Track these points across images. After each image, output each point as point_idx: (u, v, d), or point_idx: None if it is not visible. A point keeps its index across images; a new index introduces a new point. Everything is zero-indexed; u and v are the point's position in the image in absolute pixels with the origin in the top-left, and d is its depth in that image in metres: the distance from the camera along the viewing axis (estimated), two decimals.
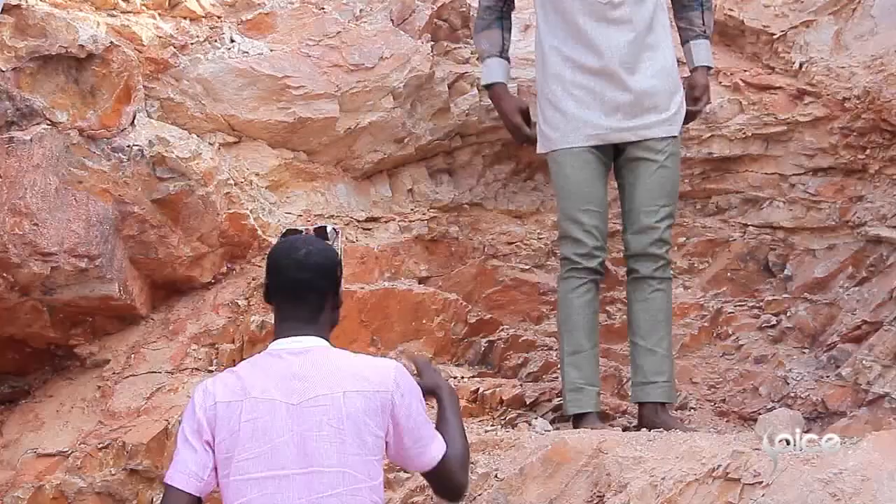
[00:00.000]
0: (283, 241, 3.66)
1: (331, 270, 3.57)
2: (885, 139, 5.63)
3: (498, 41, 5.30)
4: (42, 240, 4.66)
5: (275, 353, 3.51)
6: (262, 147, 5.34)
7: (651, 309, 5.06)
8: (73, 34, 4.75)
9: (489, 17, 5.33)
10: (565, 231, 5.09)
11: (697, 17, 5.28)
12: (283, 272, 3.55)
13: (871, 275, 5.64)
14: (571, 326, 5.03)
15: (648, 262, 5.08)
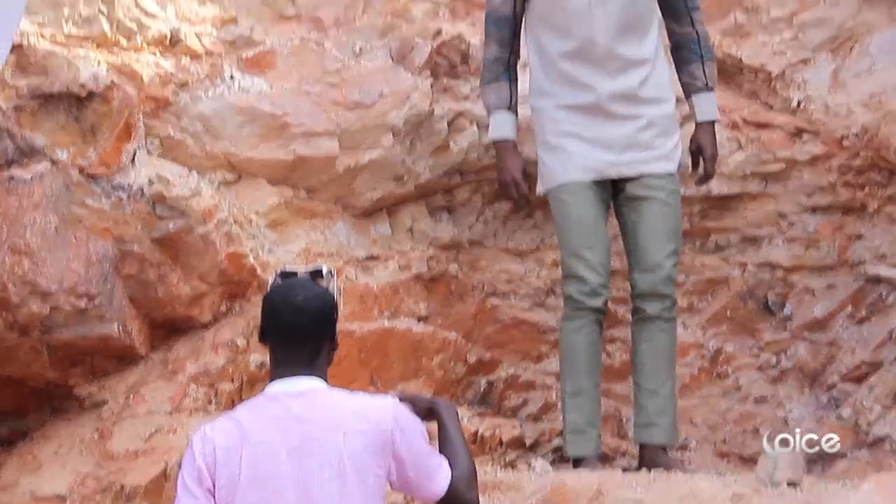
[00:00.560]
0: (280, 285, 3.63)
1: (328, 316, 3.55)
2: (884, 177, 5.63)
3: (506, 95, 5.22)
4: (42, 279, 4.66)
5: (272, 395, 3.49)
6: (261, 185, 5.34)
7: (655, 349, 5.04)
8: (74, 72, 4.77)
9: (496, 69, 5.23)
10: (569, 269, 5.06)
11: (698, 69, 5.22)
12: (279, 317, 3.54)
13: (870, 314, 5.64)
14: (573, 367, 5.02)
15: (656, 301, 5.06)
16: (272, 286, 3.67)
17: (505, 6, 5.15)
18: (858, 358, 5.59)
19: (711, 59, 5.26)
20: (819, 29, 5.83)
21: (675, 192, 5.18)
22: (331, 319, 3.56)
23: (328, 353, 3.56)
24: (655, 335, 5.04)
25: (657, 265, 5.05)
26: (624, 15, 5.08)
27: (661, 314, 5.05)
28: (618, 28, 5.07)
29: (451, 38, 5.73)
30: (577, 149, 5.09)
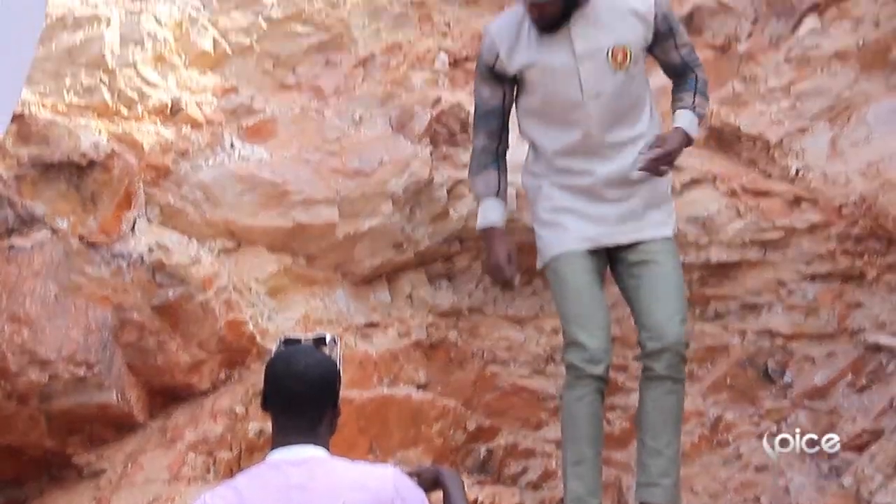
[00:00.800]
0: (283, 352, 3.64)
1: (330, 384, 3.55)
2: (883, 246, 5.64)
3: (494, 183, 5.19)
4: (41, 347, 4.66)
5: (273, 464, 3.48)
6: (261, 252, 5.35)
7: (663, 409, 5.00)
8: (75, 141, 4.80)
9: (484, 159, 5.21)
10: (569, 336, 5.04)
11: (689, 95, 5.19)
12: (281, 384, 3.54)
13: (871, 382, 5.62)
14: (575, 435, 4.98)
15: (664, 358, 5.00)
16: (275, 353, 3.67)
17: (494, 99, 5.15)
18: (859, 426, 5.56)
19: (703, 93, 5.22)
20: (817, 98, 5.86)
21: (673, 253, 5.17)
22: (333, 387, 3.55)
23: (330, 421, 3.55)
24: (662, 395, 5.00)
25: (662, 324, 5.02)
26: (618, 103, 5.07)
27: (670, 373, 4.99)
28: (613, 118, 5.08)
29: (450, 106, 5.77)
30: (572, 223, 5.09)
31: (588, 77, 5.00)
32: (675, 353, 5.02)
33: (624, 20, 5.03)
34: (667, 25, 5.11)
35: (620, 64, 5.03)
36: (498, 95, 5.14)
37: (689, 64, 5.21)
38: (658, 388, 5.01)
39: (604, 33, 5.00)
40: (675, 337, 5.02)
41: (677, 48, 5.16)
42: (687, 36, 5.25)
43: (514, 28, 5.04)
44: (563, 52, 5.00)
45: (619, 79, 5.04)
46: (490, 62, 5.09)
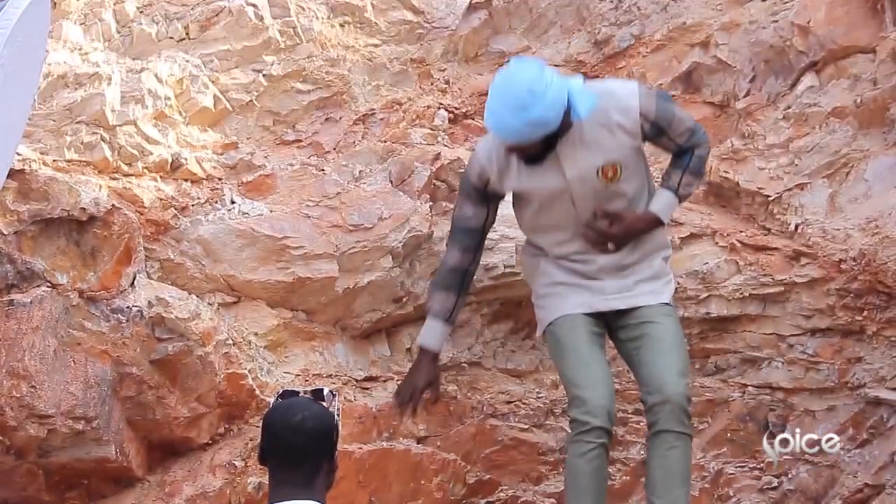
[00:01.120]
0: (280, 405, 3.64)
1: (327, 436, 3.55)
2: (882, 301, 5.63)
3: (450, 306, 5.11)
4: (39, 402, 4.65)
5: None
6: (260, 307, 5.36)
7: (666, 466, 4.93)
8: (75, 197, 4.81)
9: (451, 279, 5.11)
10: (571, 393, 4.98)
11: (678, 175, 5.11)
12: (278, 437, 3.54)
13: (871, 437, 5.60)
14: (579, 493, 4.90)
15: (666, 411, 4.93)
16: (272, 406, 3.67)
17: (475, 220, 5.10)
18: (860, 481, 5.54)
19: (695, 172, 5.13)
20: (815, 155, 5.87)
21: (672, 315, 5.12)
22: (329, 439, 3.55)
23: (327, 475, 3.55)
24: (666, 451, 4.92)
25: (662, 377, 4.92)
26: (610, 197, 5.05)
27: (671, 427, 4.93)
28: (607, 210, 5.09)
29: (449, 161, 5.80)
30: (569, 292, 5.07)
31: (580, 198, 4.97)
32: (677, 405, 4.92)
33: (611, 136, 4.94)
34: (656, 129, 5.02)
35: (611, 179, 4.98)
36: (480, 217, 5.10)
37: (688, 146, 5.12)
38: (661, 444, 4.93)
39: (592, 153, 4.93)
40: (675, 388, 4.93)
41: (673, 139, 5.09)
42: (684, 122, 5.09)
43: (503, 152, 4.93)
44: (554, 176, 4.95)
45: (612, 192, 5.01)
46: (479, 185, 5.03)
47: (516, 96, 4.68)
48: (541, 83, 4.69)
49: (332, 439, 3.57)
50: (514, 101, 4.68)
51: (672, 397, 4.95)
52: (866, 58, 5.91)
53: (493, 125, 4.76)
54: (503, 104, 4.69)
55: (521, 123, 4.69)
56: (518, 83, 4.71)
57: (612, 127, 4.91)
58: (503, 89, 4.72)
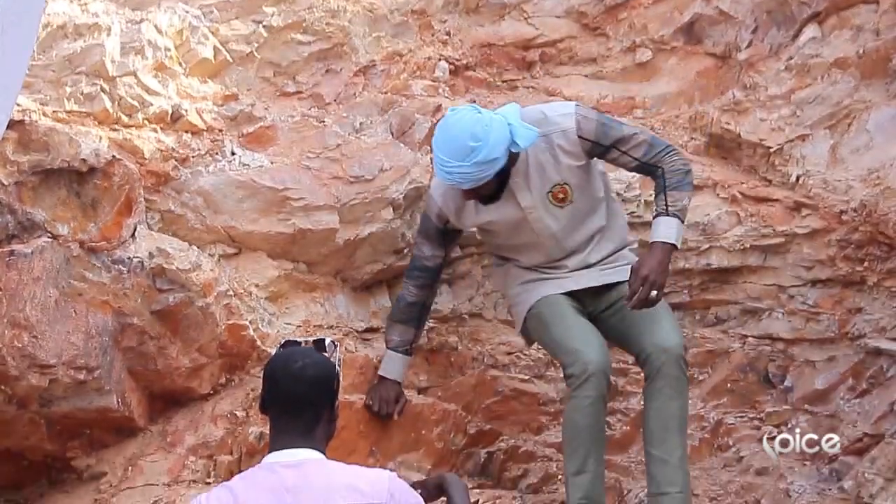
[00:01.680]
0: (281, 353, 3.66)
1: (327, 384, 3.56)
2: (883, 252, 5.63)
3: (409, 338, 5.28)
4: (41, 352, 4.66)
5: (268, 466, 3.50)
6: (261, 258, 5.37)
7: (664, 416, 4.95)
8: (76, 148, 4.79)
9: (409, 312, 5.28)
10: (563, 354, 4.99)
11: (661, 198, 5.05)
12: (278, 384, 3.55)
13: (871, 387, 5.62)
14: (576, 446, 4.92)
15: (666, 360, 4.96)
16: (273, 355, 3.69)
17: (432, 261, 5.26)
18: (860, 430, 5.55)
19: (677, 186, 5.05)
20: (817, 106, 5.87)
21: None
22: (330, 387, 3.56)
23: (327, 424, 3.56)
24: (663, 403, 4.96)
25: (659, 335, 4.99)
26: (572, 225, 5.15)
27: (671, 372, 4.96)
28: (570, 235, 5.17)
29: None
30: (542, 283, 5.18)
31: (538, 223, 5.11)
32: (675, 353, 4.99)
33: (555, 160, 5.06)
34: (601, 147, 5.08)
35: (562, 200, 5.12)
36: (437, 258, 5.26)
37: (650, 162, 5.09)
38: (658, 396, 4.97)
39: (540, 179, 5.07)
40: (672, 340, 5.00)
41: (627, 153, 5.10)
42: (636, 136, 5.10)
43: (457, 192, 5.05)
44: (510, 207, 5.10)
45: (568, 211, 5.13)
46: (439, 224, 5.20)
47: (460, 144, 4.84)
48: (480, 125, 4.87)
49: (333, 388, 3.58)
50: (459, 149, 4.84)
51: (670, 348, 5.00)
52: (869, 8, 5.90)
53: (445, 175, 4.89)
54: (449, 153, 4.85)
55: (471, 168, 4.84)
56: (459, 130, 4.87)
57: (554, 151, 5.05)
58: (447, 139, 4.88)
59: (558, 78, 6.28)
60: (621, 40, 6.34)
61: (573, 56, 6.33)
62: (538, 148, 5.01)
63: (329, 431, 3.59)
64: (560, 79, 6.27)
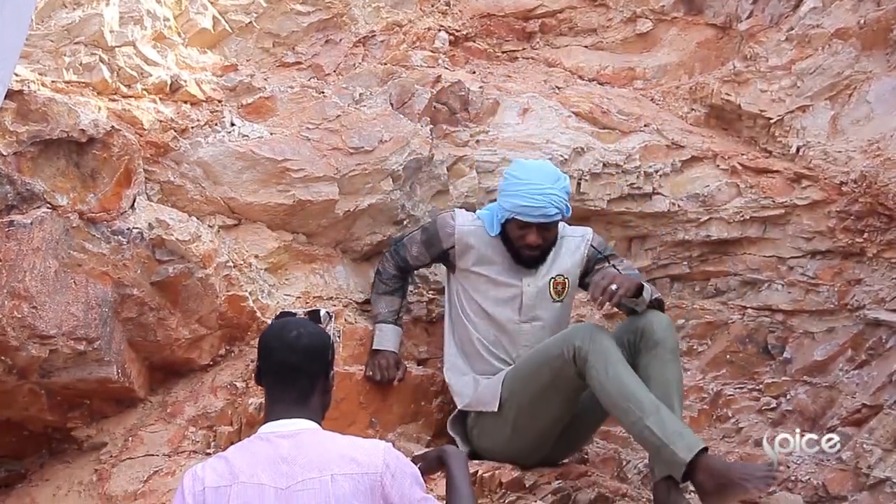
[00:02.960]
0: (275, 324, 3.68)
1: (321, 354, 3.56)
2: (883, 223, 5.63)
3: (396, 308, 5.35)
4: (41, 323, 4.65)
5: (264, 436, 3.51)
6: (261, 229, 5.36)
7: (663, 381, 4.90)
8: (75, 119, 4.78)
9: (393, 284, 5.37)
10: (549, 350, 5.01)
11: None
12: (273, 354, 3.56)
13: (870, 358, 5.63)
14: (630, 395, 4.81)
15: (659, 324, 5.02)
16: (268, 325, 3.69)
17: (416, 262, 5.38)
18: (858, 401, 5.58)
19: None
20: (817, 77, 5.86)
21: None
22: (324, 358, 3.57)
23: (322, 394, 3.57)
24: (662, 366, 4.96)
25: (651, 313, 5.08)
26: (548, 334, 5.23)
27: (665, 337, 4.99)
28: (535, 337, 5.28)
29: (450, 84, 5.78)
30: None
31: (529, 301, 5.24)
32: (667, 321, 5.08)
33: (565, 253, 5.31)
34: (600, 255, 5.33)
35: (559, 293, 5.29)
36: (420, 262, 5.38)
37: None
38: (656, 360, 4.96)
39: (547, 267, 5.27)
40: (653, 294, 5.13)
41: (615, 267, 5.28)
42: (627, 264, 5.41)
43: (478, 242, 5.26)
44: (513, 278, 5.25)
45: (556, 308, 5.28)
46: (445, 247, 5.29)
47: (550, 170, 5.22)
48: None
49: (327, 358, 3.59)
50: (550, 173, 5.17)
51: (663, 318, 5.06)
52: None
53: (538, 198, 5.10)
54: (541, 178, 5.14)
55: (560, 193, 5.13)
56: (542, 164, 5.30)
57: (568, 246, 5.30)
58: (534, 168, 5.21)
59: (558, 49, 6.27)
60: (621, 11, 6.33)
61: (573, 27, 6.32)
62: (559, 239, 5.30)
63: (324, 402, 3.60)
64: (560, 49, 6.27)
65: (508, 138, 5.79)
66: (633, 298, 5.03)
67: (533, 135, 5.80)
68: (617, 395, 4.79)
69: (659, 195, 5.84)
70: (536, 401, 5.01)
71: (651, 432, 4.71)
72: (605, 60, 6.27)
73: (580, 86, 6.14)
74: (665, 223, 5.86)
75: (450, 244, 5.28)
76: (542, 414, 5.03)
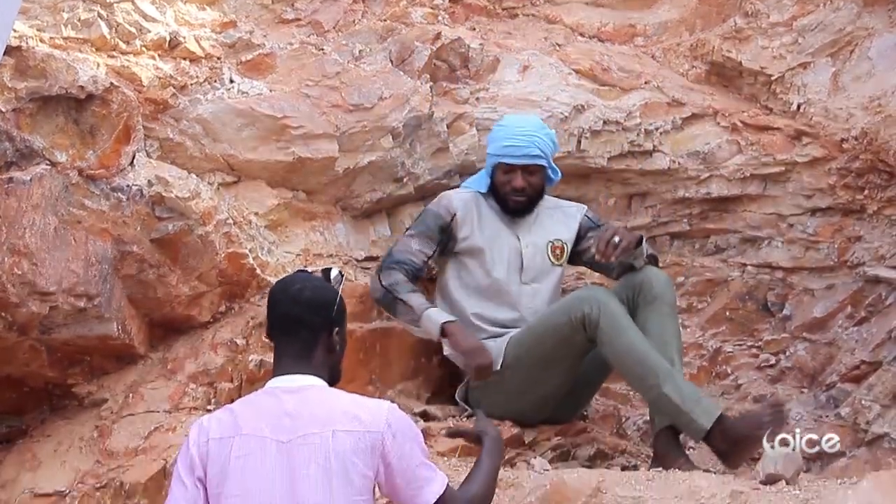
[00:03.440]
0: (283, 278, 3.71)
1: (323, 308, 3.56)
2: (883, 180, 5.63)
3: (425, 298, 5.20)
4: (41, 279, 4.66)
5: (270, 390, 3.52)
6: (261, 186, 5.36)
7: (663, 334, 4.94)
8: (73, 75, 4.76)
9: (408, 286, 5.18)
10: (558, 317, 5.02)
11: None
12: (277, 307, 3.58)
13: (869, 315, 5.64)
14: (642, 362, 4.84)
15: (657, 286, 5.05)
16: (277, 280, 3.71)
17: (419, 256, 5.28)
18: (857, 358, 5.59)
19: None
20: (819, 33, 5.85)
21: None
22: (327, 312, 3.56)
23: (327, 351, 3.56)
24: (662, 319, 4.98)
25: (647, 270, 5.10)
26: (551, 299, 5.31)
27: (663, 295, 5.02)
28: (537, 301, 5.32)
29: (450, 41, 5.76)
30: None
31: (529, 262, 5.28)
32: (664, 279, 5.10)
33: (562, 222, 5.39)
34: (593, 224, 5.41)
35: (557, 258, 5.34)
36: (423, 254, 5.27)
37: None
38: (655, 314, 4.99)
39: (545, 229, 5.35)
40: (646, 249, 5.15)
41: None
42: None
43: (473, 206, 5.31)
44: (510, 237, 5.31)
45: (556, 273, 5.33)
46: (446, 218, 5.28)
47: (533, 120, 5.37)
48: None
49: (331, 313, 3.57)
50: (533, 122, 5.33)
51: (661, 274, 5.10)
52: None
53: (521, 139, 5.22)
54: (525, 125, 5.28)
55: (545, 138, 5.25)
56: (527, 115, 5.46)
57: (561, 216, 5.41)
58: (517, 120, 5.35)
59: (559, 5, 6.25)
60: None
61: None
62: (549, 206, 5.39)
63: (331, 360, 3.59)
64: (560, 6, 6.25)
65: (508, 95, 5.78)
66: (633, 251, 5.05)
67: (533, 92, 5.78)
68: (632, 362, 4.83)
69: (659, 152, 5.83)
70: (541, 366, 5.02)
71: (668, 399, 4.75)
72: (606, 17, 6.25)
73: (580, 43, 6.12)
74: (665, 181, 5.86)
75: (452, 212, 5.28)
76: (546, 379, 5.05)
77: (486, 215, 5.31)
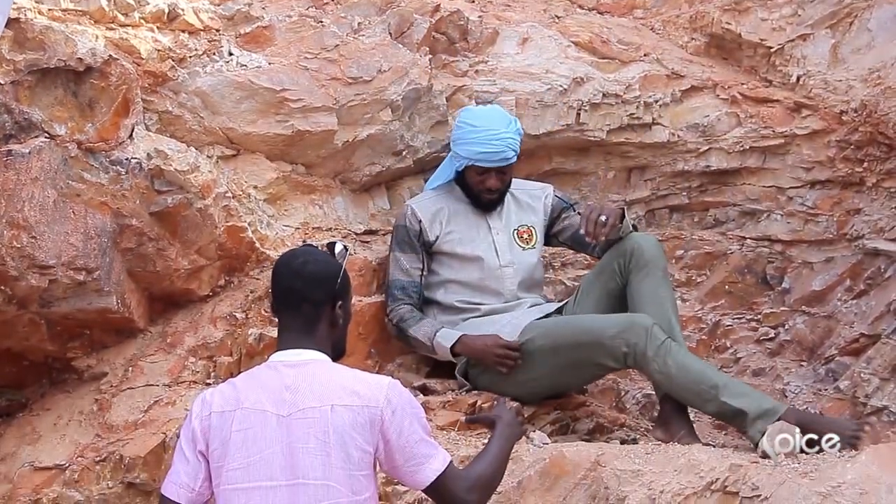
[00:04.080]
0: (287, 251, 3.70)
1: (326, 282, 3.56)
2: (883, 152, 5.62)
3: (429, 327, 5.22)
4: (40, 253, 4.65)
5: (272, 364, 3.53)
6: (260, 160, 5.35)
7: (658, 297, 4.97)
8: (72, 47, 4.74)
9: (415, 315, 5.26)
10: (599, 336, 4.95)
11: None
12: (280, 281, 3.58)
13: (868, 288, 5.64)
14: (697, 379, 4.80)
15: (649, 255, 5.06)
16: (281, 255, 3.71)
17: (414, 272, 5.32)
18: (856, 331, 5.59)
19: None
20: (818, 5, 5.83)
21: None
22: (330, 286, 3.55)
23: (330, 325, 3.56)
24: (655, 284, 4.99)
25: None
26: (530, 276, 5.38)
27: (655, 259, 5.05)
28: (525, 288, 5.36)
29: (449, 14, 5.75)
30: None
31: (502, 247, 5.31)
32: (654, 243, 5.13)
33: (528, 206, 5.42)
34: (565, 203, 5.46)
35: (526, 241, 5.37)
36: (417, 270, 5.32)
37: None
38: (649, 278, 5.00)
39: (510, 218, 5.39)
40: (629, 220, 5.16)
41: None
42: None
43: (439, 205, 5.36)
44: (482, 225, 5.35)
45: (528, 255, 5.34)
46: (415, 227, 5.31)
47: (500, 114, 5.31)
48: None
49: (334, 287, 3.56)
50: (501, 117, 5.28)
51: (650, 238, 5.16)
52: None
53: (495, 143, 5.21)
54: (494, 122, 5.25)
55: (514, 135, 5.25)
56: (492, 108, 5.38)
57: (528, 200, 5.44)
58: (485, 114, 5.31)
59: None
60: None
61: None
62: (516, 189, 5.42)
63: (334, 335, 3.59)
64: None
65: (507, 68, 5.77)
66: (619, 226, 5.09)
67: (532, 65, 5.77)
68: (687, 381, 4.79)
69: (658, 125, 5.82)
70: (559, 371, 5.04)
71: (729, 406, 4.70)
72: None
73: (580, 15, 6.11)
74: (664, 153, 5.85)
75: (418, 219, 5.31)
76: (560, 383, 5.14)
77: (456, 210, 5.36)
